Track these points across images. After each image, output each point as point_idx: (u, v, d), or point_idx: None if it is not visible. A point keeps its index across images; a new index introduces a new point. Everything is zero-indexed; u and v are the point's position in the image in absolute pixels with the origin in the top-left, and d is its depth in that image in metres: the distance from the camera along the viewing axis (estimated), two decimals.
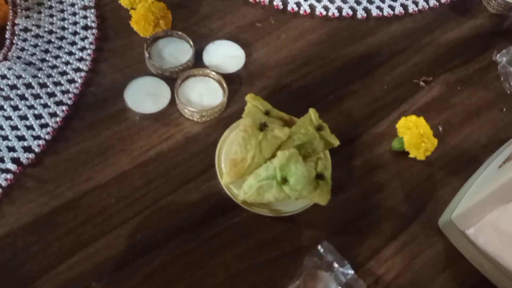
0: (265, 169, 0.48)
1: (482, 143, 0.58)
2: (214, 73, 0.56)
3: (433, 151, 0.54)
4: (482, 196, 0.45)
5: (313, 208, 0.50)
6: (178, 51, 0.58)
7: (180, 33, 0.59)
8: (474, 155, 0.56)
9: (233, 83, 0.58)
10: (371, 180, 0.54)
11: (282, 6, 0.65)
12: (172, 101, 0.55)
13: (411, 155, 0.54)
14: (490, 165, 0.52)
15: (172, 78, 0.56)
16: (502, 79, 0.62)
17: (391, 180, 0.54)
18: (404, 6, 0.67)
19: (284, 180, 0.47)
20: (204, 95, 0.55)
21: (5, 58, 0.55)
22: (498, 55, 0.63)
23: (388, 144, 0.56)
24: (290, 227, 0.50)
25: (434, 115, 0.59)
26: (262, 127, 0.49)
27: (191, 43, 0.58)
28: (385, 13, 0.66)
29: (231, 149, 0.51)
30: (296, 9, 0.65)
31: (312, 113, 0.52)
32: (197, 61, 0.59)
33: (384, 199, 0.53)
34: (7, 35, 0.57)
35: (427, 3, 0.68)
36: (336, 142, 0.51)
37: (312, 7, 0.65)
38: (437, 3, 0.68)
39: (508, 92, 0.61)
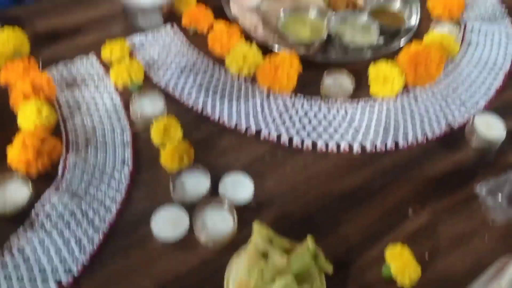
0: None
1: (466, 269, 0.64)
2: (227, 202, 0.66)
3: (419, 276, 0.61)
4: None
5: None
6: (198, 182, 0.69)
7: (200, 167, 0.70)
8: (457, 280, 0.62)
9: (244, 210, 0.67)
10: None
11: (288, 143, 0.76)
12: (191, 228, 0.64)
13: (398, 283, 0.60)
14: None
15: (192, 205, 0.67)
16: (483, 209, 0.69)
17: None
18: (395, 142, 0.77)
19: None
20: (217, 223, 0.65)
21: (57, 189, 0.67)
22: (479, 187, 0.71)
23: (379, 270, 0.63)
24: None
25: (421, 242, 0.66)
26: (264, 256, 0.58)
27: (209, 176, 0.69)
28: (378, 149, 0.76)
29: (238, 273, 0.59)
30: (300, 145, 0.76)
31: (309, 241, 0.60)
32: (214, 189, 0.69)
33: None
34: (60, 169, 0.69)
35: (416, 140, 0.78)
36: (329, 270, 0.59)
37: (314, 143, 0.76)
38: (425, 140, 0.78)
39: (490, 222, 0.68)
